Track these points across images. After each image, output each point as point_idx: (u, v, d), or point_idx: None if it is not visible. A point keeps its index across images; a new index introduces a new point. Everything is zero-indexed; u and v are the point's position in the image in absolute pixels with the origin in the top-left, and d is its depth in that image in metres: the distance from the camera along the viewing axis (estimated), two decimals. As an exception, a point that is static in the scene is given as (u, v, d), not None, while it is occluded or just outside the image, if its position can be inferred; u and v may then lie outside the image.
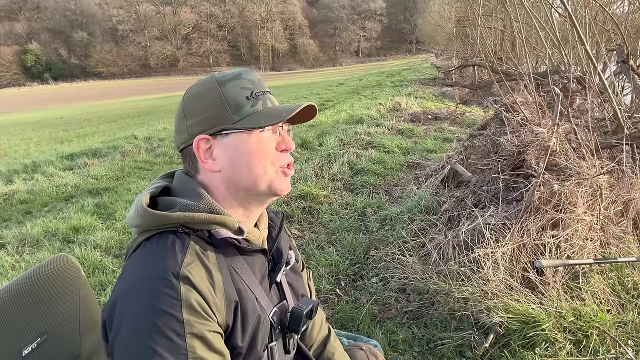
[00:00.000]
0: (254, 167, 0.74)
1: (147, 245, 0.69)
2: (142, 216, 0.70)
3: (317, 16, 75.17)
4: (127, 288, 0.64)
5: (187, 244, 0.68)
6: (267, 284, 0.79)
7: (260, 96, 0.75)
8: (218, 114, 0.73)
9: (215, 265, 0.69)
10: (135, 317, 0.61)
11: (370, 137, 5.88)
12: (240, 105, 0.73)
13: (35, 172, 5.68)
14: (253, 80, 0.76)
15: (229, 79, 0.75)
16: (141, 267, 0.66)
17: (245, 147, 0.73)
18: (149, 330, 0.59)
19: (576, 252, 2.11)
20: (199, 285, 0.64)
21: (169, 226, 0.70)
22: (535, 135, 2.75)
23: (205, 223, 0.70)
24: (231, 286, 0.70)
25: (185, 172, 0.78)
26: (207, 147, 0.74)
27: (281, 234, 0.85)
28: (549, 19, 3.50)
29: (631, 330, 1.71)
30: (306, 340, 0.94)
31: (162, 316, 0.60)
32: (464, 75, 11.90)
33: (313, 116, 0.81)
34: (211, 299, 0.65)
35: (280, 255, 0.83)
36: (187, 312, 0.61)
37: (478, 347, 1.71)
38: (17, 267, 2.83)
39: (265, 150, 0.74)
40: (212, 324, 0.64)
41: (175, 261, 0.65)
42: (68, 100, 25.74)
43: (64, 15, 62.33)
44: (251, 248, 0.75)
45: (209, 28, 68.23)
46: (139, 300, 0.61)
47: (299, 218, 3.41)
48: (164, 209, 0.71)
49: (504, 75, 4.27)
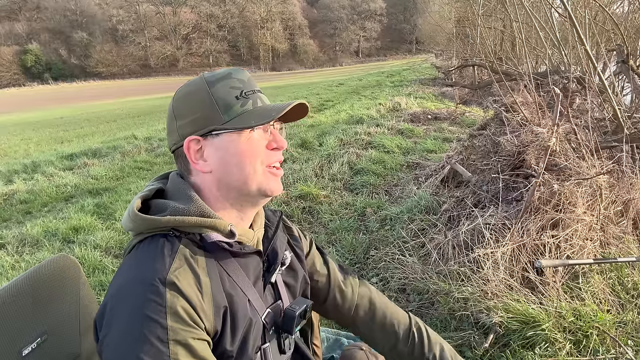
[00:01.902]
0: (244, 166, 0.73)
1: (139, 248, 0.70)
2: (134, 220, 0.70)
3: (317, 16, 75.17)
4: (118, 289, 0.65)
5: (176, 248, 0.68)
6: (261, 284, 0.79)
7: (250, 95, 0.75)
8: (207, 114, 0.73)
9: (204, 269, 0.69)
10: (122, 320, 0.61)
11: (370, 137, 5.88)
12: (229, 105, 0.73)
13: (35, 172, 5.69)
14: (243, 80, 0.76)
15: (218, 79, 0.75)
16: (132, 269, 0.67)
17: (235, 147, 0.73)
18: (134, 335, 0.60)
19: (576, 252, 2.11)
20: (186, 291, 0.64)
21: (160, 229, 0.70)
22: (535, 135, 2.75)
23: (196, 226, 0.70)
24: (221, 291, 0.69)
25: (178, 173, 0.78)
26: (197, 147, 0.74)
27: (278, 233, 0.84)
28: (548, 19, 3.50)
29: (631, 330, 1.71)
30: (345, 306, 0.95)
31: (147, 322, 0.60)
32: (464, 75, 11.90)
33: (305, 114, 0.81)
34: (198, 304, 0.65)
35: (276, 256, 0.82)
36: (172, 319, 0.61)
37: (478, 347, 1.71)
38: (17, 267, 2.83)
39: (256, 150, 0.74)
40: (198, 331, 0.64)
41: (163, 266, 0.65)
42: (68, 100, 25.73)
43: (64, 15, 62.30)
44: (243, 251, 0.74)
45: (209, 28, 68.23)
46: (126, 305, 0.62)
47: (299, 218, 3.41)
48: (156, 212, 0.72)
49: (503, 75, 4.27)
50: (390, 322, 0.94)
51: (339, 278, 0.97)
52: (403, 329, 0.94)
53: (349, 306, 0.95)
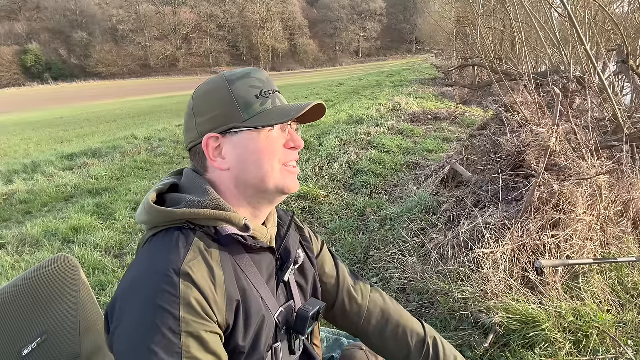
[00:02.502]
0: (262, 164, 0.74)
1: (153, 240, 0.70)
2: (149, 213, 0.70)
3: (317, 16, 75.17)
4: (131, 282, 0.65)
5: (191, 241, 0.68)
6: (274, 283, 0.79)
7: (269, 95, 0.75)
8: (227, 112, 0.73)
9: (218, 262, 0.69)
10: (135, 311, 0.61)
11: (370, 137, 5.88)
12: (249, 103, 0.73)
13: (35, 172, 5.69)
14: (262, 79, 0.76)
15: (239, 78, 0.75)
16: (146, 261, 0.67)
17: (255, 145, 0.73)
18: (146, 325, 0.60)
19: (576, 252, 2.11)
20: (200, 283, 0.64)
21: (176, 222, 0.70)
22: (535, 136, 2.75)
23: (211, 219, 0.71)
24: (234, 284, 0.69)
25: (193, 169, 0.79)
26: (216, 145, 0.74)
27: (290, 232, 0.84)
28: (549, 19, 3.50)
29: (631, 330, 1.71)
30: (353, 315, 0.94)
31: (160, 313, 0.60)
32: (464, 75, 11.90)
33: (322, 115, 0.81)
34: (211, 296, 0.65)
35: (289, 255, 0.82)
36: (185, 310, 0.61)
37: (478, 347, 1.71)
38: (17, 267, 2.83)
39: (274, 148, 0.75)
40: (211, 324, 0.64)
41: (177, 257, 0.65)
42: (68, 100, 25.74)
43: (64, 15, 62.31)
44: (257, 246, 0.74)
45: (209, 28, 68.22)
46: (139, 296, 0.62)
47: (299, 218, 3.40)
48: (171, 205, 0.72)
49: (503, 75, 4.27)
50: (404, 333, 0.91)
51: (349, 282, 0.96)
52: (417, 340, 0.91)
53: (359, 312, 0.93)
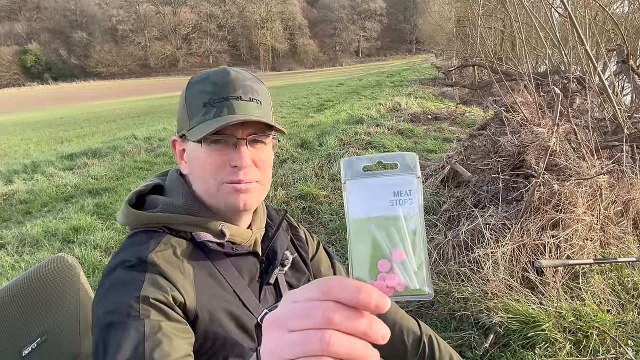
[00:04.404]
0: (205, 178, 0.70)
1: (128, 239, 0.71)
2: (126, 215, 0.71)
3: (317, 16, 75.20)
4: (104, 275, 0.66)
5: (163, 238, 0.68)
6: (256, 285, 0.77)
7: (217, 103, 0.68)
8: (182, 117, 0.72)
9: (189, 259, 0.69)
10: (104, 295, 0.63)
11: (370, 137, 5.88)
12: (194, 111, 0.69)
13: (35, 172, 5.68)
14: (218, 83, 0.69)
15: (198, 81, 0.71)
16: (118, 256, 0.68)
17: (197, 158, 0.70)
18: (113, 304, 0.60)
19: (576, 252, 2.11)
20: (165, 269, 0.64)
21: (153, 226, 0.70)
22: (535, 136, 2.75)
23: (186, 224, 0.70)
24: (207, 285, 0.68)
25: (177, 170, 0.78)
26: (180, 148, 0.74)
27: (279, 233, 0.82)
28: (549, 19, 3.50)
29: (631, 330, 1.71)
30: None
31: (125, 290, 0.61)
32: (464, 75, 11.89)
33: (283, 131, 0.73)
34: (178, 282, 0.64)
35: (275, 256, 0.80)
36: (148, 286, 0.62)
37: (478, 347, 1.71)
38: (16, 267, 2.83)
39: (214, 165, 0.68)
40: (176, 309, 0.63)
41: (146, 248, 0.66)
42: (68, 100, 25.72)
43: (63, 15, 62.35)
44: (235, 252, 0.72)
45: (208, 28, 68.26)
46: (108, 281, 0.64)
47: (299, 218, 3.40)
48: (149, 207, 0.72)
49: (504, 75, 4.27)
50: (400, 331, 0.90)
51: None
52: (413, 338, 0.90)
53: None
